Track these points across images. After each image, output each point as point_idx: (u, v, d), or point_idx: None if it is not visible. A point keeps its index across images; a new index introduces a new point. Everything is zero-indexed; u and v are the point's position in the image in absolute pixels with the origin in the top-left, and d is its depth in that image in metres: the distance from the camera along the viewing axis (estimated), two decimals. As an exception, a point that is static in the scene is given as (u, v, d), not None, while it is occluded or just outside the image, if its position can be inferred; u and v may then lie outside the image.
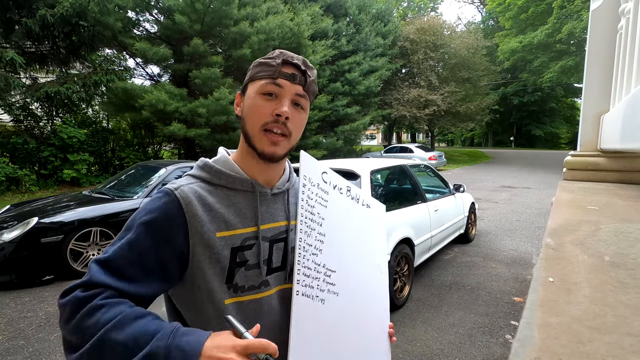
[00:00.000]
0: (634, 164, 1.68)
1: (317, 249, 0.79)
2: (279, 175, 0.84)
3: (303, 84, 0.75)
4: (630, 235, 0.74)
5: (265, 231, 0.78)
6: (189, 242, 0.69)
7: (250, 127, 0.75)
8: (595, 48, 1.90)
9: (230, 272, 0.72)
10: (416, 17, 29.05)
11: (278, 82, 0.73)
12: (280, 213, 0.82)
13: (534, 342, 0.34)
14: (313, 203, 0.80)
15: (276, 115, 0.72)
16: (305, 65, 0.77)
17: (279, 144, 0.74)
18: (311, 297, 0.76)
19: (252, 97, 0.75)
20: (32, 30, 8.21)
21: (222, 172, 0.77)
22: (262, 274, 0.76)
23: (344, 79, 16.56)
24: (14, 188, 8.87)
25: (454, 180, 11.19)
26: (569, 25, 23.64)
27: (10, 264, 3.64)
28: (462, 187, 5.04)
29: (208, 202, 0.73)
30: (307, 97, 0.78)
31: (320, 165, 0.86)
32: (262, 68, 0.75)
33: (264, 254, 0.76)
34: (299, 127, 0.78)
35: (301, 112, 0.77)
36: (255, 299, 0.75)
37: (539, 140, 38.38)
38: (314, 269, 0.77)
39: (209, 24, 10.63)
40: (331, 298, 0.80)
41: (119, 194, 4.76)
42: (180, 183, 0.74)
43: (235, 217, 0.75)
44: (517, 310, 3.27)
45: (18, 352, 2.60)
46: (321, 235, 0.80)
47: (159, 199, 0.71)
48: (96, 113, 12.16)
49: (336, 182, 0.89)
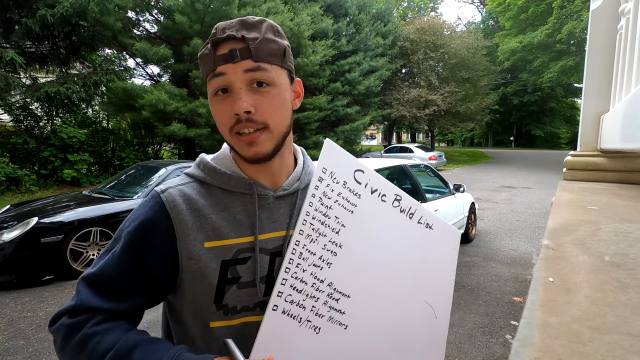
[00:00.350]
0: (634, 164, 1.68)
1: (323, 260, 0.62)
2: (286, 173, 0.70)
3: (248, 55, 0.58)
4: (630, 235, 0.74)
5: (264, 242, 0.64)
6: (177, 250, 0.61)
7: (223, 134, 0.63)
8: (595, 48, 1.90)
9: (220, 290, 0.61)
10: (416, 17, 29.07)
11: (218, 71, 0.59)
12: (286, 220, 0.67)
13: (534, 342, 0.34)
14: (330, 203, 0.64)
15: (235, 115, 0.59)
16: (243, 28, 0.59)
17: (257, 142, 0.60)
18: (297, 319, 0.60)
19: (210, 101, 0.63)
20: (32, 30, 8.21)
21: (216, 170, 0.66)
22: (259, 293, 0.63)
23: (344, 79, 16.56)
24: (14, 188, 8.88)
25: (454, 180, 11.19)
26: (569, 25, 23.63)
27: (10, 264, 3.64)
28: (462, 187, 5.04)
29: (197, 207, 0.63)
30: (266, 65, 0.59)
31: (354, 161, 0.68)
32: (203, 63, 0.62)
33: (261, 269, 0.63)
34: (274, 110, 0.61)
35: (268, 90, 0.60)
36: (248, 322, 0.63)
37: (539, 140, 38.39)
38: (311, 285, 0.61)
39: (209, 24, 10.62)
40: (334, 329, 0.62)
41: (119, 194, 4.76)
42: (169, 184, 0.66)
43: (229, 225, 0.63)
44: (517, 310, 3.27)
45: (18, 352, 2.60)
46: (335, 245, 0.64)
47: (145, 204, 0.64)
48: (96, 113, 12.17)
49: (378, 185, 0.70)
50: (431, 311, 0.74)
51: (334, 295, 0.63)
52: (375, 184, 0.70)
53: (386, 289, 0.68)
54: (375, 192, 0.69)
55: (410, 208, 0.74)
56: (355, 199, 0.67)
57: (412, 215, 0.74)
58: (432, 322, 0.75)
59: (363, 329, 0.65)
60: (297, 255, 0.61)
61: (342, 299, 0.63)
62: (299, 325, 0.60)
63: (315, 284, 0.62)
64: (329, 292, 0.63)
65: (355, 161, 0.69)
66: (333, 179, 0.65)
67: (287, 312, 0.60)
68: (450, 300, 0.79)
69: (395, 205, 0.72)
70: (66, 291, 3.65)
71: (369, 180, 0.69)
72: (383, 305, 0.68)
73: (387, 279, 0.69)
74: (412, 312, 0.72)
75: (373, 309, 0.66)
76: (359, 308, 0.65)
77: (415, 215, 0.74)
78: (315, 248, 0.62)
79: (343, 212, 0.65)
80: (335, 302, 0.63)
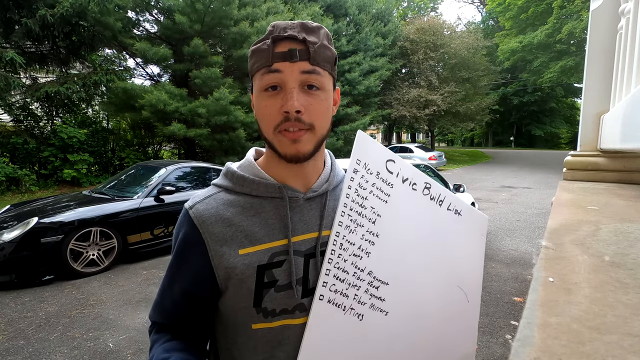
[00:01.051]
0: (634, 164, 1.68)
1: (362, 250, 0.64)
2: (317, 175, 0.70)
3: (307, 57, 0.60)
4: (630, 235, 0.74)
5: (297, 244, 0.65)
6: (211, 264, 0.63)
7: (265, 131, 0.64)
8: (595, 48, 1.90)
9: (258, 294, 0.63)
10: (416, 17, 29.06)
11: (274, 67, 0.60)
12: (317, 221, 0.68)
13: (534, 342, 0.34)
14: (365, 194, 0.65)
15: (284, 112, 0.60)
16: (304, 31, 0.61)
17: (300, 140, 0.61)
18: (342, 307, 0.62)
19: (257, 96, 0.64)
20: (32, 30, 8.21)
21: (245, 178, 0.67)
22: (296, 295, 0.63)
23: (344, 79, 16.57)
24: (14, 188, 8.87)
25: (454, 180, 11.19)
26: (569, 25, 23.64)
27: (10, 264, 3.64)
28: (462, 187, 5.04)
29: (227, 216, 0.64)
30: (320, 69, 0.61)
31: (385, 151, 0.69)
32: (256, 57, 0.63)
33: (297, 271, 0.64)
34: (321, 113, 0.63)
35: (318, 94, 0.62)
36: (288, 324, 0.64)
37: (539, 140, 38.40)
38: (352, 274, 0.63)
39: (209, 24, 10.63)
40: (375, 316, 0.64)
41: (119, 194, 4.76)
42: (197, 199, 0.67)
43: (261, 230, 0.64)
44: (517, 310, 3.27)
45: (18, 352, 2.60)
46: (372, 234, 0.65)
47: (179, 223, 0.68)
48: (96, 113, 12.17)
49: (408, 174, 0.71)
50: (464, 295, 0.76)
51: (374, 283, 0.65)
52: (406, 173, 0.71)
53: (421, 275, 0.70)
54: (406, 181, 0.71)
55: (440, 195, 0.75)
56: (388, 188, 0.68)
57: (442, 202, 0.75)
58: (465, 305, 0.77)
59: (402, 315, 0.67)
60: (338, 246, 0.62)
61: (381, 287, 0.65)
62: (343, 313, 0.62)
63: (356, 273, 0.63)
64: (370, 281, 0.64)
65: (387, 151, 0.70)
66: (367, 170, 0.66)
67: (332, 301, 0.61)
68: (481, 284, 0.81)
69: (425, 193, 0.73)
70: (66, 291, 3.65)
71: (400, 170, 0.70)
72: (419, 291, 0.70)
73: (422, 266, 0.71)
74: (446, 297, 0.74)
75: (410, 295, 0.69)
76: (398, 295, 0.67)
77: (444, 202, 0.76)
78: (354, 238, 0.64)
79: (378, 202, 0.66)
80: (375, 289, 0.65)
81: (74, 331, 2.87)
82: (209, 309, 0.70)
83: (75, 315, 3.13)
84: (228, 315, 0.67)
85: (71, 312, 3.21)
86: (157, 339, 0.69)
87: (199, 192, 0.70)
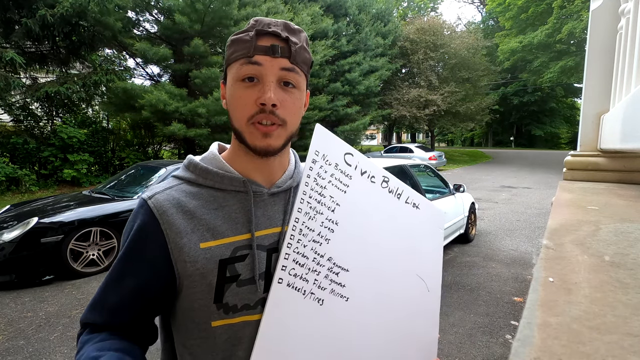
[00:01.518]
0: (634, 164, 1.68)
1: (321, 236, 0.65)
2: (281, 171, 0.71)
3: (288, 55, 0.61)
4: (630, 235, 0.74)
5: (261, 238, 0.65)
6: (170, 258, 0.61)
7: (236, 121, 0.63)
8: (595, 48, 1.90)
9: (219, 289, 0.61)
10: (416, 17, 29.07)
11: (255, 59, 0.60)
12: (280, 216, 0.68)
13: (534, 342, 0.34)
14: (324, 183, 0.66)
15: (260, 104, 0.60)
16: (287, 30, 0.62)
17: (271, 134, 0.62)
18: (302, 291, 0.63)
19: (232, 85, 0.63)
20: (32, 30, 8.21)
21: (209, 170, 0.66)
22: (259, 290, 0.63)
23: (344, 79, 16.57)
24: (14, 188, 8.88)
25: (454, 180, 11.19)
26: (569, 25, 23.64)
27: (10, 264, 3.64)
28: (462, 187, 5.04)
29: (189, 208, 0.62)
30: (298, 69, 0.63)
31: (343, 145, 0.72)
32: (236, 47, 0.62)
33: (260, 266, 0.64)
34: (294, 111, 0.64)
35: (293, 92, 0.63)
36: (249, 320, 0.63)
37: (539, 140, 38.41)
38: (312, 259, 0.64)
39: (209, 24, 10.63)
40: (335, 301, 0.66)
41: (119, 194, 4.76)
42: (156, 189, 0.65)
43: (224, 223, 0.63)
44: (517, 310, 3.27)
45: (18, 352, 2.60)
46: (331, 222, 0.66)
47: (135, 213, 0.64)
48: (96, 113, 12.17)
49: (367, 168, 0.73)
50: (423, 285, 0.79)
51: (334, 269, 0.66)
52: (364, 166, 0.73)
53: (381, 264, 0.72)
54: (364, 173, 0.73)
55: (398, 189, 0.78)
56: (347, 179, 0.70)
57: (400, 195, 0.78)
58: (425, 294, 0.80)
59: (362, 301, 0.69)
60: (297, 231, 0.63)
61: (341, 273, 0.67)
62: (303, 297, 0.63)
63: (316, 258, 0.64)
64: (329, 266, 0.66)
65: (345, 145, 0.72)
66: (325, 161, 0.68)
67: (292, 284, 0.62)
68: (440, 275, 0.85)
69: (384, 186, 0.76)
70: (66, 291, 3.65)
71: (358, 163, 0.73)
72: (379, 278, 0.72)
73: (381, 254, 0.73)
74: (405, 285, 0.77)
75: (370, 282, 0.70)
76: (358, 281, 0.68)
77: (402, 196, 0.79)
78: (314, 225, 0.65)
79: (337, 191, 0.68)
80: (335, 275, 0.66)
81: (74, 331, 2.87)
82: (159, 306, 0.66)
83: (75, 315, 3.13)
84: (185, 312, 0.64)
85: (71, 312, 3.21)
86: (88, 339, 0.61)
87: (158, 184, 0.67)
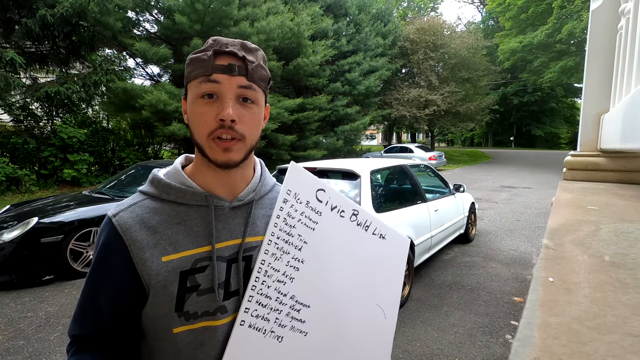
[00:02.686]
0: (634, 164, 1.68)
1: (286, 275, 0.67)
2: (244, 184, 0.74)
3: (245, 73, 0.64)
4: (630, 235, 0.74)
5: (221, 250, 0.68)
6: (136, 270, 0.64)
7: (197, 136, 0.66)
8: (595, 48, 1.90)
9: (180, 299, 0.64)
10: (416, 17, 29.06)
11: (213, 78, 0.63)
12: (241, 228, 0.71)
13: (534, 342, 0.34)
14: (293, 222, 0.69)
15: (219, 120, 0.63)
16: (244, 49, 0.66)
17: (231, 149, 0.65)
18: (262, 330, 0.65)
19: (192, 102, 0.66)
20: (32, 30, 8.21)
21: (171, 186, 0.68)
22: (218, 298, 0.66)
23: (344, 79, 16.56)
24: (14, 188, 8.88)
25: (454, 180, 11.19)
26: (569, 25, 23.64)
27: (10, 264, 3.64)
28: (462, 187, 5.04)
29: (152, 224, 0.65)
30: (255, 86, 0.66)
31: (315, 182, 0.74)
32: (195, 65, 0.65)
33: (219, 276, 0.67)
34: (252, 125, 0.67)
35: (252, 107, 0.66)
36: (209, 326, 0.66)
37: (539, 140, 38.41)
38: (275, 299, 0.66)
39: (209, 24, 10.63)
40: (294, 337, 0.68)
41: (119, 194, 4.76)
42: (121, 207, 0.68)
43: (185, 237, 0.66)
44: (517, 310, 3.27)
45: (18, 352, 2.60)
46: (297, 261, 0.69)
47: (101, 231, 0.67)
48: (96, 113, 12.17)
49: (337, 203, 0.76)
50: (381, 312, 0.82)
51: (296, 306, 0.68)
52: (334, 202, 0.76)
53: (342, 297, 0.75)
54: (334, 209, 0.76)
55: (366, 221, 0.81)
56: (316, 216, 0.72)
57: (368, 227, 0.81)
58: (382, 322, 0.83)
59: (321, 333, 0.71)
60: (263, 273, 0.65)
61: (302, 309, 0.69)
62: (263, 336, 0.65)
63: (279, 297, 0.66)
64: (291, 304, 0.67)
65: (318, 181, 0.75)
66: (297, 200, 0.70)
67: (253, 325, 0.64)
68: (398, 300, 0.88)
69: (352, 219, 0.78)
70: (66, 291, 3.65)
71: (329, 198, 0.75)
72: (339, 311, 0.74)
73: (343, 287, 0.75)
74: (365, 315, 0.79)
75: (330, 315, 0.72)
76: (318, 316, 0.70)
77: (370, 228, 0.82)
78: (279, 265, 0.67)
79: (305, 229, 0.70)
80: (296, 312, 0.68)
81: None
82: (134, 317, 0.69)
83: (75, 315, 3.13)
84: (148, 322, 0.67)
85: (71, 312, 3.21)
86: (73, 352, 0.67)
87: (124, 200, 0.71)
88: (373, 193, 3.36)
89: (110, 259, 0.65)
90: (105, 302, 0.66)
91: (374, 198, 3.33)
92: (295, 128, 13.76)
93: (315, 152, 13.78)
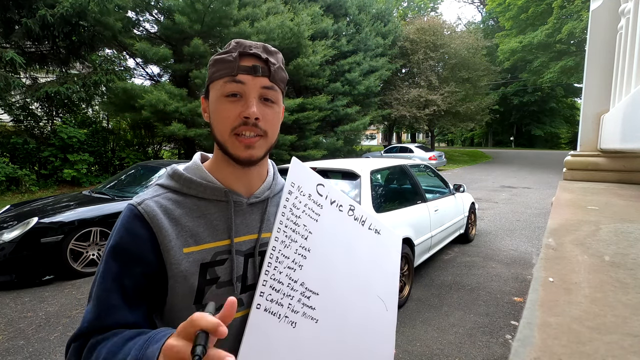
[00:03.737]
0: (634, 164, 1.68)
1: (295, 263, 0.70)
2: (260, 181, 0.77)
3: (267, 74, 0.68)
4: (630, 235, 0.74)
5: (239, 244, 0.71)
6: (162, 257, 0.65)
7: (220, 133, 0.68)
8: (595, 48, 1.90)
9: (200, 291, 0.66)
10: (416, 17, 29.07)
11: (238, 78, 0.66)
12: (257, 224, 0.74)
13: (534, 342, 0.34)
14: (299, 213, 0.72)
15: (244, 117, 0.66)
16: (266, 52, 0.69)
17: (254, 145, 0.68)
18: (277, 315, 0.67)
19: (216, 100, 0.68)
20: (32, 30, 8.21)
21: (192, 180, 0.71)
22: (236, 291, 0.69)
23: (344, 79, 16.55)
24: (14, 188, 8.88)
25: (454, 180, 11.19)
26: (569, 26, 23.64)
27: (10, 264, 3.64)
28: (462, 187, 5.04)
29: (175, 215, 0.67)
30: (276, 87, 0.70)
31: (315, 177, 0.78)
32: (220, 66, 0.68)
33: (238, 269, 0.70)
34: (273, 124, 0.71)
35: (273, 107, 0.70)
36: None
37: (539, 140, 38.40)
38: (287, 285, 0.68)
39: (209, 24, 10.63)
40: (307, 324, 0.70)
41: (119, 194, 4.76)
42: (144, 196, 0.69)
43: (206, 230, 0.69)
44: (517, 310, 3.27)
45: (18, 352, 2.60)
46: (304, 249, 0.72)
47: (123, 218, 0.67)
48: (96, 113, 12.17)
49: (336, 198, 0.80)
50: (383, 305, 0.86)
51: (306, 293, 0.71)
52: (333, 196, 0.80)
53: (347, 286, 0.79)
54: (333, 203, 0.80)
55: (362, 216, 0.85)
56: (318, 209, 0.76)
57: (364, 222, 0.86)
58: (384, 314, 0.86)
59: (330, 322, 0.74)
60: (274, 259, 0.68)
61: (312, 297, 0.72)
62: (278, 321, 0.67)
63: (290, 284, 0.69)
64: (302, 291, 0.71)
65: (317, 176, 0.79)
66: (300, 192, 0.74)
67: (269, 310, 0.66)
68: (397, 294, 0.92)
69: (350, 214, 0.83)
70: (66, 291, 3.65)
71: (328, 193, 0.79)
72: (345, 300, 0.78)
73: (347, 277, 0.79)
74: (368, 305, 0.83)
75: (337, 304, 0.76)
76: (326, 304, 0.74)
77: (366, 223, 0.86)
78: (289, 252, 0.70)
79: (309, 220, 0.74)
80: (307, 299, 0.71)
81: (73, 331, 2.88)
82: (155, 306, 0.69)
83: (75, 315, 3.13)
84: (168, 315, 0.68)
85: (71, 312, 3.21)
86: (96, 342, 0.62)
87: (144, 192, 0.71)
88: (373, 193, 3.36)
89: (137, 243, 0.65)
90: (130, 286, 0.64)
91: (374, 198, 3.33)
92: (295, 128, 13.76)
93: (315, 152, 13.77)
